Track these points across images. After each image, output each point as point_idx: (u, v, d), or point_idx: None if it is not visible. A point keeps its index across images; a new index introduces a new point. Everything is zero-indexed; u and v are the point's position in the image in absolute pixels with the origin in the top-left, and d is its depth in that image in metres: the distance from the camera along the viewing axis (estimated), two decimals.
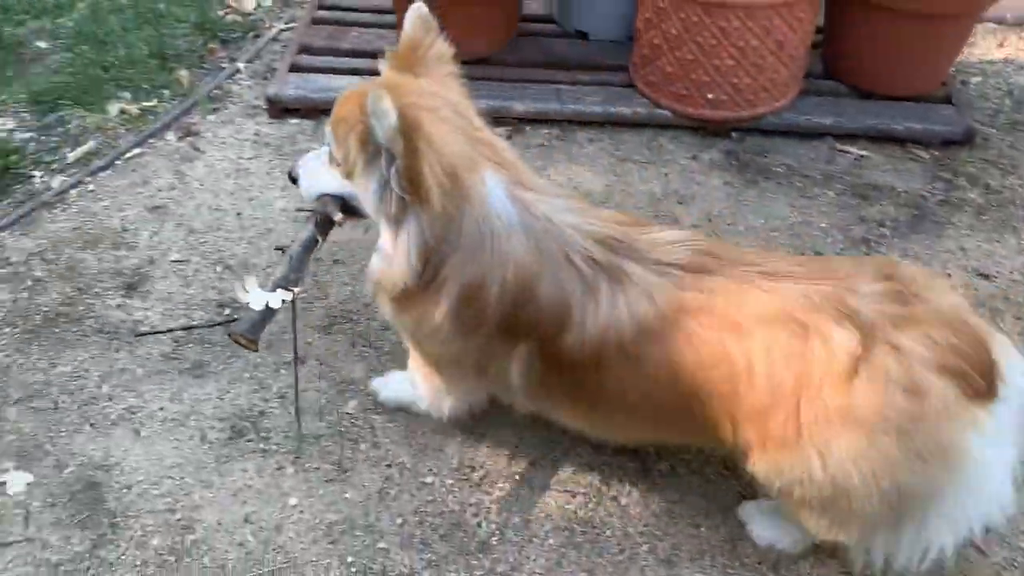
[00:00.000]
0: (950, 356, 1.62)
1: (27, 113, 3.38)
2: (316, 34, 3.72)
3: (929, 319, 1.65)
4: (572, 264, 1.76)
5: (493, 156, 1.78)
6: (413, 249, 1.74)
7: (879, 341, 1.62)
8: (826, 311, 1.65)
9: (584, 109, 3.43)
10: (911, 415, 1.62)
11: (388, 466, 2.30)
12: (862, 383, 1.62)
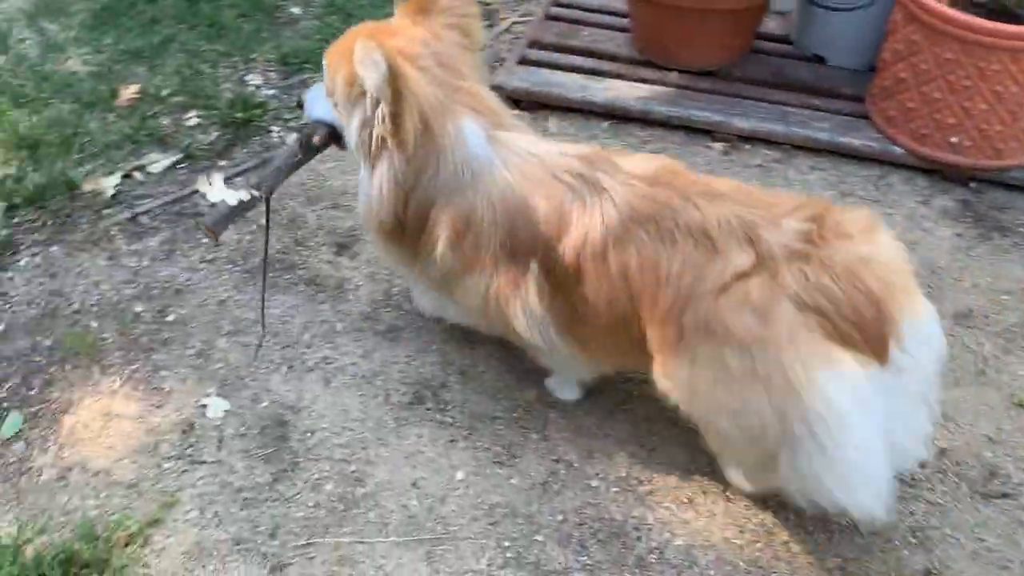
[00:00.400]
0: (816, 295, 1.65)
1: (274, 72, 3.64)
2: (548, 29, 3.77)
3: (820, 261, 1.68)
4: (559, 179, 1.89)
5: (473, 104, 1.93)
6: (386, 187, 1.91)
7: (764, 270, 1.70)
8: (737, 236, 1.75)
9: (811, 134, 3.27)
10: (754, 335, 1.69)
11: (555, 461, 2.29)
12: (726, 299, 1.72)
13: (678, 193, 1.84)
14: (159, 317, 2.63)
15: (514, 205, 1.89)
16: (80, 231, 2.87)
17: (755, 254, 1.72)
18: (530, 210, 1.89)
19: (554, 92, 3.44)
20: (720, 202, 1.81)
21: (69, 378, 2.44)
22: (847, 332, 1.64)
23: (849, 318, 1.64)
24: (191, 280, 2.75)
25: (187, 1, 3.92)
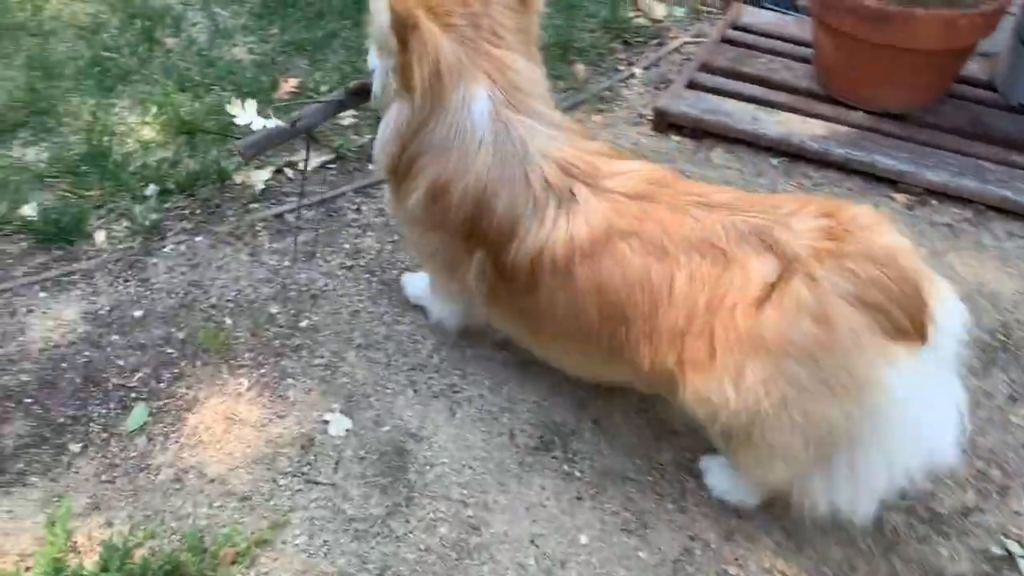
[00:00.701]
0: (870, 290, 1.61)
1: None
2: (721, 53, 3.53)
3: (855, 254, 1.63)
4: (528, 183, 1.86)
5: (495, 73, 1.88)
6: (388, 133, 1.96)
7: (798, 272, 1.63)
8: (750, 241, 1.69)
9: (1011, 196, 2.91)
10: (818, 342, 1.62)
11: (691, 538, 2.07)
12: (772, 309, 1.64)
13: (667, 205, 1.80)
14: (293, 321, 2.56)
15: (479, 192, 1.90)
16: (226, 223, 2.85)
17: (779, 258, 1.66)
18: (490, 204, 1.90)
19: (722, 121, 3.20)
20: (719, 211, 1.76)
21: (198, 375, 2.41)
22: (899, 321, 1.61)
23: (901, 306, 1.62)
24: (328, 286, 2.67)
25: None
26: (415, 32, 1.78)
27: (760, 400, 1.68)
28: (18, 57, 3.48)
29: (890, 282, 1.62)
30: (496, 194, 1.88)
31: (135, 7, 3.79)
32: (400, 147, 1.96)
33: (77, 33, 3.67)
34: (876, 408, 1.65)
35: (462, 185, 1.91)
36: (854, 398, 1.65)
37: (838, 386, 1.64)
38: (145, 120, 3.21)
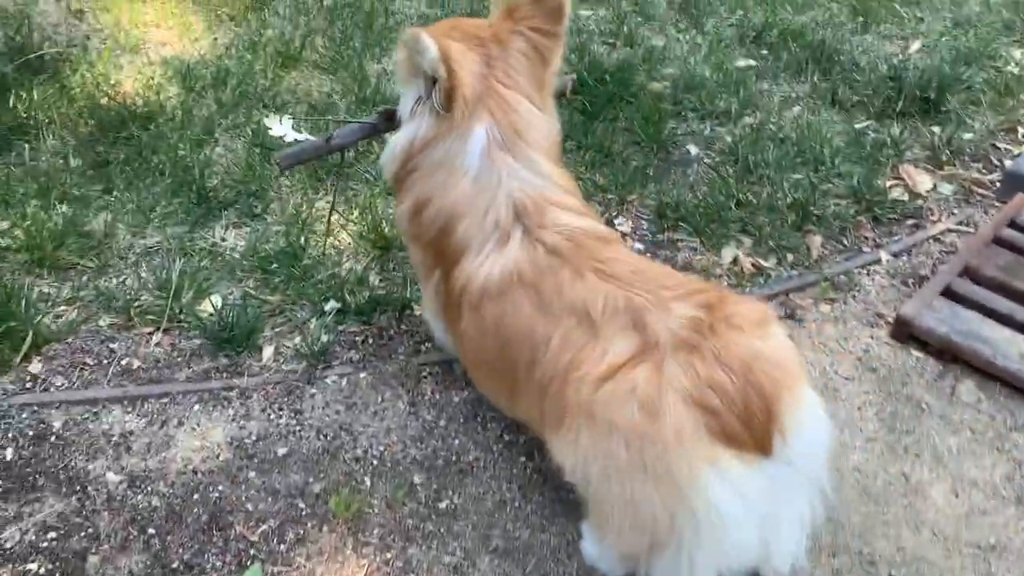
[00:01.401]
0: (707, 392, 1.63)
1: (645, 222, 3.24)
2: (991, 257, 2.96)
3: (707, 353, 1.66)
4: (485, 216, 1.98)
5: (499, 113, 2.02)
6: (399, 147, 2.11)
7: (649, 358, 1.69)
8: (621, 319, 1.77)
9: None
10: (641, 430, 1.66)
11: None
12: (611, 386, 1.70)
13: (572, 265, 1.89)
14: (433, 498, 2.33)
15: (449, 214, 2.04)
16: (394, 362, 2.67)
17: (640, 341, 1.73)
18: (454, 227, 2.03)
19: (979, 350, 2.66)
20: (611, 280, 1.83)
21: (322, 544, 2.22)
22: (734, 429, 1.62)
23: (738, 415, 1.62)
24: (480, 461, 2.42)
25: (585, 116, 3.66)
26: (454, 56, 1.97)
27: (589, 467, 1.77)
28: (246, 129, 3.52)
29: (733, 388, 1.63)
30: (460, 219, 2.02)
31: (368, 90, 3.76)
32: (404, 160, 2.12)
33: (307, 110, 3.69)
34: (697, 510, 1.64)
35: (439, 204, 2.06)
36: (675, 494, 1.65)
37: (659, 477, 1.66)
38: (347, 222, 3.13)
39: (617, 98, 3.78)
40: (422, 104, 2.06)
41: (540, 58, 2.09)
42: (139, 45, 3.99)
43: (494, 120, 2.03)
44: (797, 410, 1.66)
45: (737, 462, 1.62)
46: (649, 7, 4.58)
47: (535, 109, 2.09)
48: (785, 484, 1.69)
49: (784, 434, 1.63)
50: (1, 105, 3.47)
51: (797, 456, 1.67)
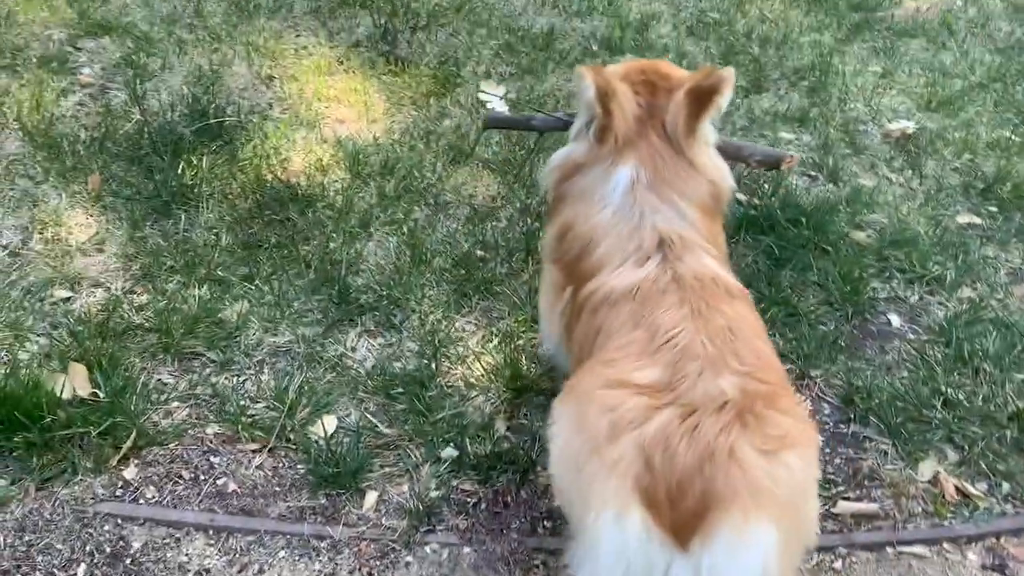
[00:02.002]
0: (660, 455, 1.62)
1: (828, 406, 2.75)
2: None
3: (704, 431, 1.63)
4: (628, 242, 2.07)
5: (646, 158, 2.17)
6: (556, 161, 2.33)
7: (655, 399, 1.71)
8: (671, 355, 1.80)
9: None
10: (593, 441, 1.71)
11: None
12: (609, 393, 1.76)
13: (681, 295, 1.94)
14: None
15: (589, 238, 2.13)
16: (505, 541, 2.32)
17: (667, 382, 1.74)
18: (592, 250, 2.12)
19: None
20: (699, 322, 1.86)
21: None
22: (658, 499, 1.60)
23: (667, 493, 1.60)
24: None
25: (771, 262, 3.22)
26: (615, 97, 2.15)
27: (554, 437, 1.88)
28: (403, 226, 3.33)
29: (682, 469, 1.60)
30: (599, 243, 2.11)
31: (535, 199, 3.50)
32: (559, 178, 2.30)
33: (467, 216, 3.46)
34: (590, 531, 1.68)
35: (579, 230, 2.17)
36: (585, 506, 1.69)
37: (582, 488, 1.73)
38: (483, 350, 2.84)
39: (812, 244, 3.32)
40: (582, 132, 2.26)
41: (691, 121, 2.17)
42: (317, 120, 3.91)
43: (641, 162, 2.16)
44: (735, 537, 1.57)
45: (640, 522, 1.61)
46: (861, 137, 4.10)
47: (684, 161, 2.19)
48: None
49: (707, 543, 1.58)
50: (171, 169, 3.44)
51: (707, 562, 1.58)
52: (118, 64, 4.17)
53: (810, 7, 5.38)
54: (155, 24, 4.51)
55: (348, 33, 4.63)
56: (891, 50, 4.94)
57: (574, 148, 2.29)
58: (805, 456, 1.69)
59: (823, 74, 4.57)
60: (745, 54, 4.74)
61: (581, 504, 1.74)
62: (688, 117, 2.16)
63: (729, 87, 2.16)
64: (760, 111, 4.25)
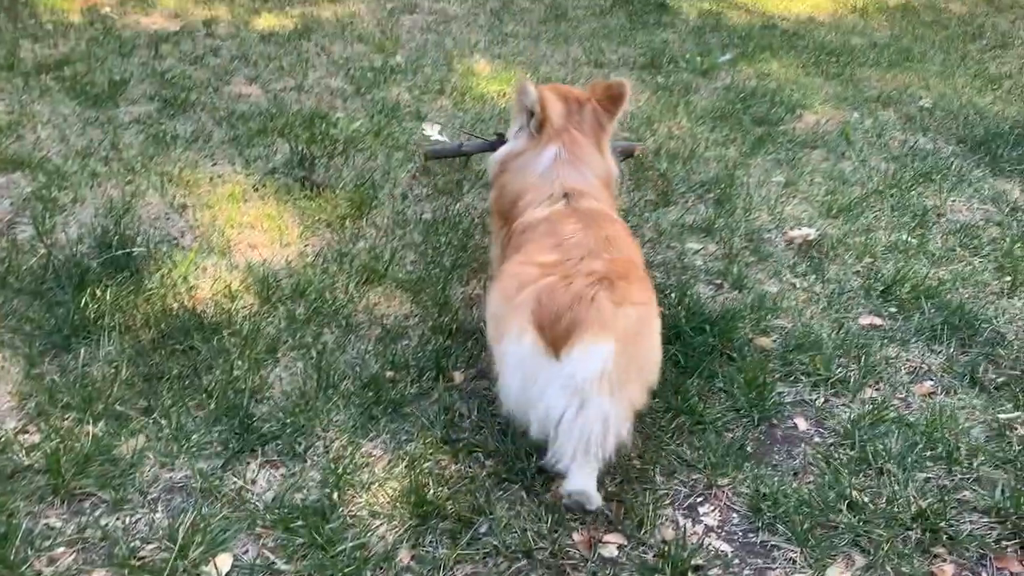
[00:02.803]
0: (549, 300, 2.46)
1: (736, 514, 2.74)
2: None
3: (576, 287, 2.48)
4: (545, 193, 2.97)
5: (568, 144, 3.07)
6: (503, 154, 3.22)
7: (548, 270, 2.58)
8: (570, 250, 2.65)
9: None
10: (506, 293, 2.63)
11: None
12: (518, 268, 2.67)
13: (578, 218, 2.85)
14: None
15: (520, 193, 3.04)
16: None
17: (561, 260, 2.61)
18: (521, 200, 3.02)
19: None
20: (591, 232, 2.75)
21: None
22: (543, 325, 2.43)
23: (551, 321, 2.43)
24: None
25: (678, 371, 3.25)
26: (548, 102, 3.09)
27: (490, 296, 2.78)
28: (311, 350, 3.30)
29: (561, 308, 2.44)
30: (526, 195, 3.00)
31: (447, 317, 3.51)
32: (503, 164, 3.18)
33: (378, 336, 3.44)
34: (501, 355, 2.59)
35: (515, 187, 3.07)
36: (501, 333, 2.58)
37: (500, 319, 2.63)
38: (389, 475, 2.78)
39: (717, 352, 3.38)
40: (522, 130, 3.16)
41: (600, 122, 3.17)
42: (229, 247, 3.92)
43: (563, 145, 3.06)
44: (590, 344, 2.38)
45: (531, 340, 2.44)
46: (765, 245, 4.24)
47: (594, 149, 3.14)
48: (559, 383, 2.40)
49: (572, 351, 2.38)
50: (73, 303, 3.38)
51: (572, 367, 2.38)
52: (28, 199, 4.16)
53: (715, 123, 5.65)
54: (69, 158, 4.54)
55: (265, 161, 4.72)
56: (793, 161, 5.18)
57: (514, 144, 3.19)
58: (641, 311, 2.54)
59: (728, 186, 4.76)
60: (654, 170, 4.92)
61: (499, 336, 2.59)
62: (604, 116, 3.15)
63: (629, 92, 3.17)
64: (668, 224, 4.38)
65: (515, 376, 2.50)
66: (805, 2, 8.45)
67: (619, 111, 3.16)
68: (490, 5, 7.79)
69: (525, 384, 2.47)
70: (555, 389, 2.40)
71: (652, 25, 7.57)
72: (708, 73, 6.54)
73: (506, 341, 2.51)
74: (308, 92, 5.63)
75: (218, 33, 6.51)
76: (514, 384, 2.50)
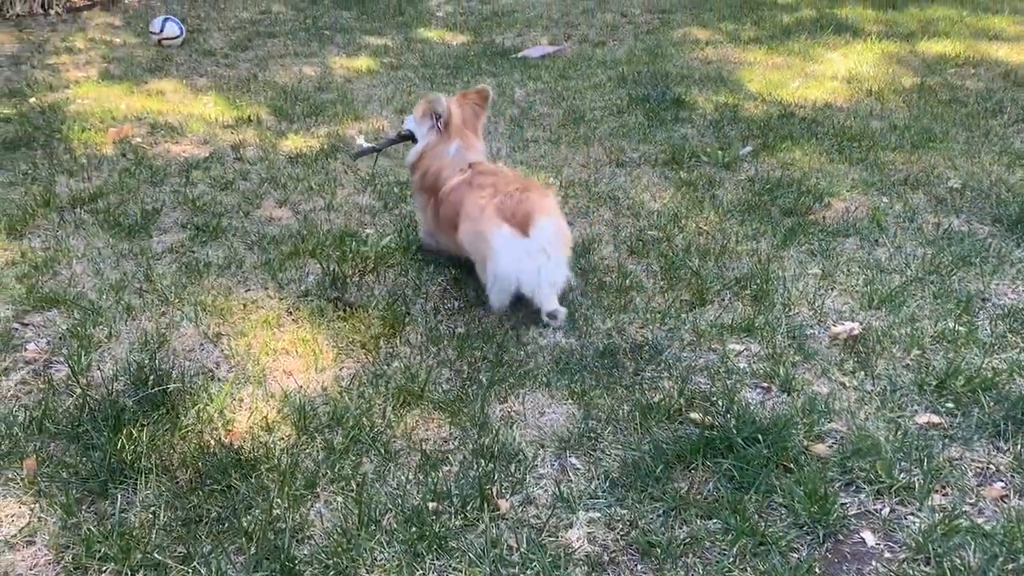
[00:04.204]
0: (506, 205, 4.03)
1: None
2: None
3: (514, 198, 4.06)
4: (456, 169, 4.53)
5: (463, 138, 4.66)
6: (418, 151, 4.73)
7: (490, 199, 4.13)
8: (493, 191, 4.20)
9: None
10: (476, 216, 4.13)
11: None
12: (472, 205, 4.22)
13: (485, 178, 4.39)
14: None
15: (439, 173, 4.58)
16: None
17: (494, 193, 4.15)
18: (440, 177, 4.57)
19: None
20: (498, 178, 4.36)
21: None
22: (511, 220, 3.96)
23: (514, 215, 3.98)
24: None
25: (733, 487, 3.10)
26: (452, 111, 4.62)
27: (466, 237, 4.26)
28: (351, 482, 3.20)
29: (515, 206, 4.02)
30: (442, 173, 4.56)
31: (488, 438, 3.41)
32: (419, 157, 4.70)
33: (418, 464, 3.35)
34: (492, 246, 4.03)
35: (434, 170, 4.58)
36: (486, 240, 4.07)
37: (482, 235, 4.09)
38: None
39: (773, 463, 3.24)
40: (432, 130, 4.66)
41: (477, 115, 4.77)
42: (264, 375, 3.88)
43: (461, 140, 4.64)
44: (542, 220, 3.96)
45: (510, 231, 3.95)
46: (809, 342, 4.13)
47: (477, 139, 4.75)
48: (533, 249, 3.96)
49: (536, 227, 3.93)
50: (110, 445, 3.33)
51: (537, 236, 3.95)
52: (64, 336, 4.17)
53: (744, 217, 5.61)
54: (104, 292, 4.57)
55: (297, 283, 4.72)
56: (827, 251, 5.10)
57: (424, 142, 4.75)
58: (554, 200, 4.26)
59: (764, 281, 4.68)
60: (686, 268, 4.86)
61: (482, 239, 4.09)
62: (479, 110, 4.79)
63: (491, 95, 4.84)
64: (706, 324, 4.29)
65: (506, 255, 4.01)
66: (820, 89, 8.51)
67: (487, 106, 4.81)
68: (509, 113, 7.92)
69: (512, 256, 3.99)
70: (533, 254, 3.98)
71: (670, 121, 7.63)
72: (731, 166, 6.54)
73: (492, 238, 4.00)
74: (337, 211, 5.69)
75: (247, 157, 6.64)
76: (506, 261, 4.01)
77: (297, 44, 10.59)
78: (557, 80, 8.99)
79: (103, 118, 7.54)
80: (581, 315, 4.33)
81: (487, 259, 4.02)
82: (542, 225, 3.91)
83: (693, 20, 11.71)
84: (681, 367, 3.94)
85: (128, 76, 8.99)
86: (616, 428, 3.52)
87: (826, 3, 12.43)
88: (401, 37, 11.08)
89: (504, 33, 11.40)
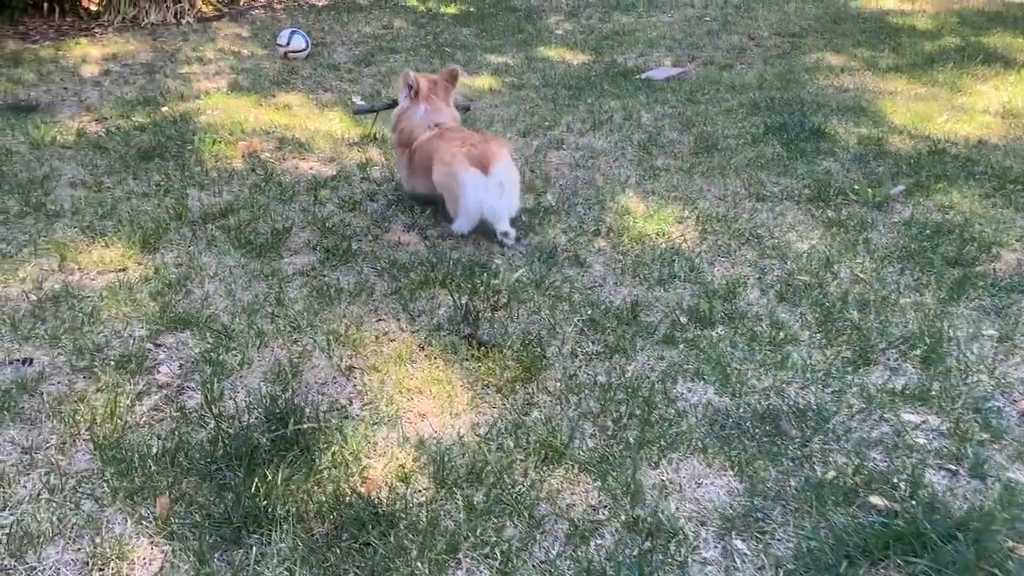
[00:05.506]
0: (473, 153, 5.14)
1: None
2: None
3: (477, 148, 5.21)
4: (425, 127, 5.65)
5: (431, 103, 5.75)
6: (397, 113, 5.86)
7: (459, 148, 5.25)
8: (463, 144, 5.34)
9: None
10: (448, 161, 5.21)
11: None
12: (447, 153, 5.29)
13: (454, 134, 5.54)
14: None
15: (412, 130, 5.67)
16: None
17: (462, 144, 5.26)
18: (413, 134, 5.64)
19: None
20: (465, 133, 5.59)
21: None
22: (476, 163, 5.07)
23: (479, 160, 5.09)
24: None
25: None
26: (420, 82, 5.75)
27: (439, 178, 5.28)
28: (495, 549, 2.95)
29: (479, 154, 5.15)
30: (415, 130, 5.65)
31: (642, 507, 3.10)
32: (399, 117, 5.79)
33: (567, 534, 3.07)
34: (462, 183, 5.12)
35: (408, 128, 5.67)
36: (456, 180, 5.16)
37: (453, 175, 5.17)
38: None
39: (975, 567, 2.83)
40: (406, 97, 5.75)
41: (447, 91, 5.84)
42: (398, 415, 3.68)
43: (429, 104, 5.70)
44: (499, 163, 5.15)
45: (475, 171, 5.09)
46: (996, 418, 3.68)
47: (445, 106, 5.79)
48: (494, 185, 5.12)
49: (494, 168, 5.10)
50: (244, 487, 3.18)
51: (496, 175, 5.13)
52: (196, 361, 4.08)
53: (904, 264, 5.16)
54: (236, 315, 4.47)
55: (429, 315, 4.53)
56: (1002, 310, 4.62)
57: (401, 106, 5.80)
58: (508, 148, 5.46)
59: (935, 341, 4.24)
60: (844, 321, 4.46)
61: (453, 178, 5.18)
62: (449, 87, 5.85)
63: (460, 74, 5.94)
64: (875, 388, 3.89)
65: (473, 191, 5.11)
66: (972, 123, 7.91)
67: (456, 84, 5.86)
68: (636, 138, 7.60)
69: (477, 192, 5.10)
70: (493, 188, 5.09)
71: (811, 153, 7.18)
72: (882, 206, 6.07)
73: (462, 177, 5.09)
74: (465, 238, 5.49)
75: (373, 177, 6.53)
76: (473, 195, 5.11)
77: (419, 60, 10.54)
78: (685, 104, 8.63)
79: (232, 130, 7.58)
80: (734, 370, 4.00)
81: (457, 194, 5.17)
82: (500, 167, 5.11)
83: (826, 45, 11.15)
84: (852, 439, 3.55)
85: (256, 88, 9.08)
86: (785, 508, 3.16)
87: (971, 31, 11.68)
88: (522, 55, 10.91)
89: (626, 53, 11.10)
